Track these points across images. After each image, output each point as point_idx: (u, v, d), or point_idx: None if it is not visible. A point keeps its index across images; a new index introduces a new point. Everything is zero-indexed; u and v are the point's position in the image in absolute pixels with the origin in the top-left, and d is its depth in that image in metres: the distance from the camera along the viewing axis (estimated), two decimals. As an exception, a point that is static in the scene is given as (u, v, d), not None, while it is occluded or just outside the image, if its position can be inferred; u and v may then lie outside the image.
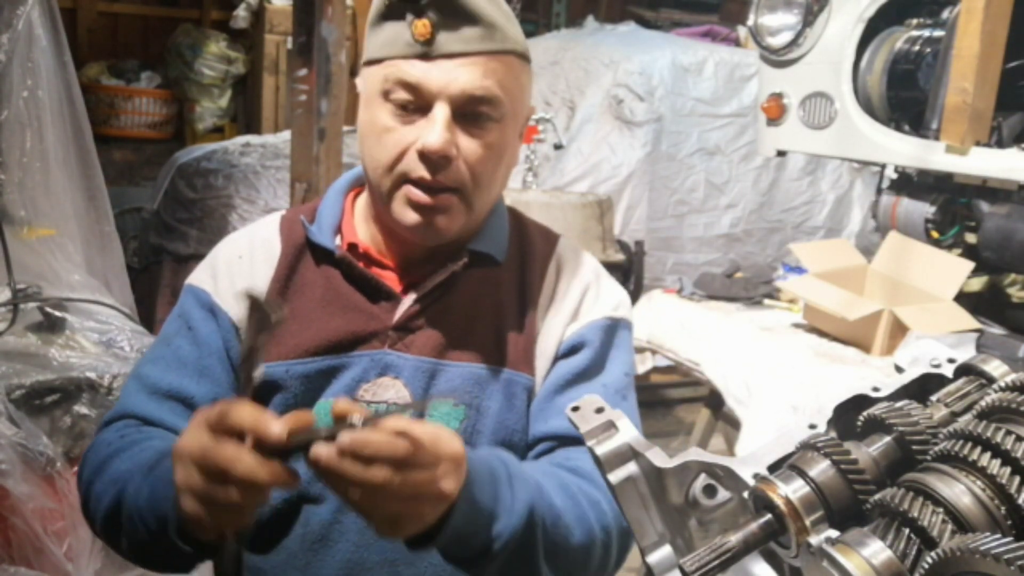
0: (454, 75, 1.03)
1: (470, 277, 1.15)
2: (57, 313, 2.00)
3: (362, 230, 1.19)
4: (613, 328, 1.19)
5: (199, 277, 1.18)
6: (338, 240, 1.16)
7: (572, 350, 1.16)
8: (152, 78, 5.30)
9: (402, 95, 1.04)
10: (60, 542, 1.69)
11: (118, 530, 0.99)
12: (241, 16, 5.13)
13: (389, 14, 1.06)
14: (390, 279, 1.15)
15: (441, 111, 1.03)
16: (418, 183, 1.05)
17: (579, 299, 1.19)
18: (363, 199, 1.20)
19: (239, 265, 1.16)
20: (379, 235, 1.17)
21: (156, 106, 5.25)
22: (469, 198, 1.08)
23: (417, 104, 1.04)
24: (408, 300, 1.13)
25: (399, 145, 1.05)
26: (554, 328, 1.17)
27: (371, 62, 1.09)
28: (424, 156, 1.03)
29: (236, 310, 1.13)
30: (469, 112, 1.05)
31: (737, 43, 5.13)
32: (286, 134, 3.77)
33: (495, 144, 1.07)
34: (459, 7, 1.02)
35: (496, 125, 1.07)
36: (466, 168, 1.06)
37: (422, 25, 1.02)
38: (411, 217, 1.07)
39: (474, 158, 1.06)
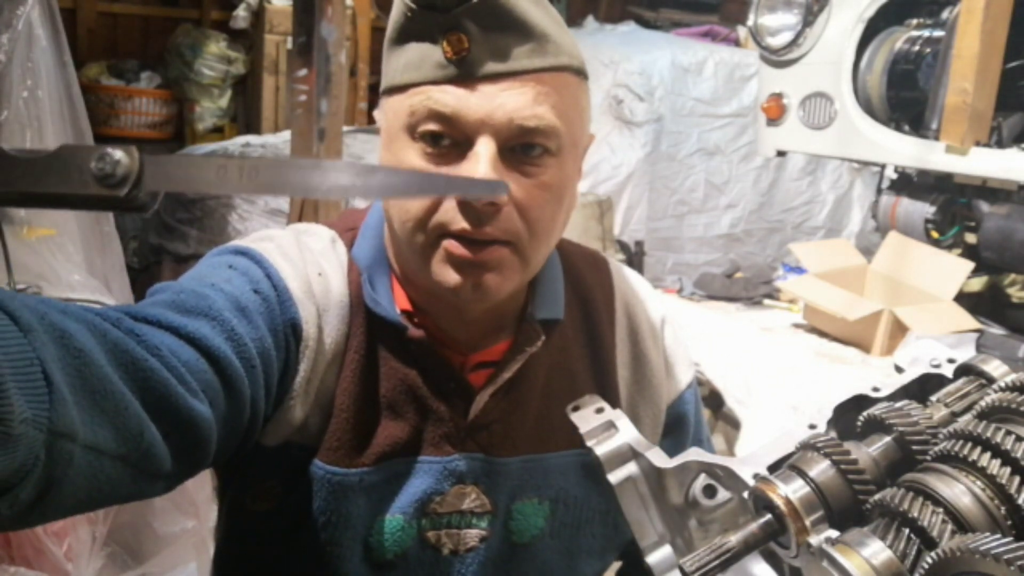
0: (499, 101, 0.81)
1: (539, 352, 0.97)
2: (57, 313, 1.99)
3: (403, 288, 0.96)
4: (695, 381, 1.11)
5: (275, 259, 0.90)
6: (396, 309, 0.93)
7: (677, 421, 1.08)
8: (152, 78, 5.30)
9: (433, 128, 0.83)
10: (60, 542, 1.69)
11: None
12: (241, 16, 5.13)
13: (412, 30, 0.84)
14: (453, 358, 0.95)
15: (485, 147, 0.81)
16: (459, 236, 0.84)
17: (664, 354, 1.07)
18: (390, 244, 0.97)
19: (320, 284, 0.92)
20: (419, 294, 0.95)
21: (156, 106, 5.25)
22: (524, 251, 0.87)
23: (453, 139, 0.83)
24: (483, 396, 0.94)
25: None
26: (651, 392, 1.05)
27: (392, 90, 0.86)
28: (466, 205, 0.82)
29: (310, 322, 0.89)
30: (519, 146, 0.84)
31: (737, 43, 5.13)
32: (286, 134, 3.77)
33: (553, 184, 0.86)
34: (502, 15, 0.81)
35: (553, 160, 0.85)
36: (518, 215, 0.84)
37: (456, 40, 0.81)
38: (453, 278, 0.85)
39: (528, 202, 0.84)
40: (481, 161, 0.81)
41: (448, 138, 0.83)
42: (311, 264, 0.92)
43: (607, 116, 4.23)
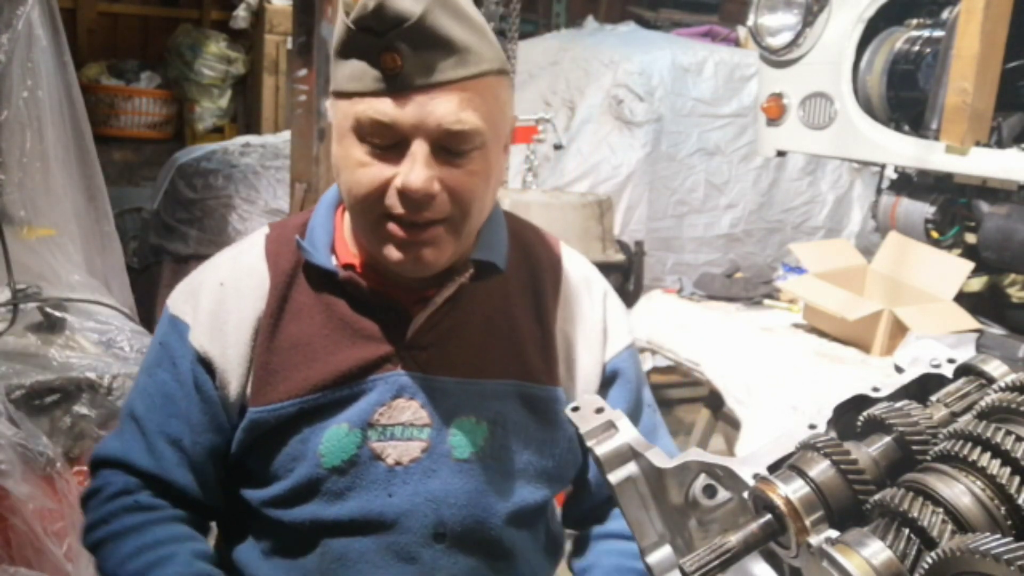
0: (428, 109, 0.96)
1: (478, 288, 1.11)
2: (57, 313, 2.00)
3: (354, 246, 1.13)
4: (633, 345, 1.22)
5: (181, 309, 1.12)
6: (334, 260, 1.11)
7: (614, 376, 1.19)
8: (152, 78, 5.30)
9: (375, 134, 0.98)
10: (60, 542, 1.69)
11: None
12: (241, 16, 5.13)
13: (353, 46, 0.97)
14: (393, 296, 1.10)
15: (419, 148, 0.97)
16: (400, 220, 1.00)
17: (603, 316, 1.19)
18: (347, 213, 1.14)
19: (220, 294, 1.10)
20: (369, 255, 1.11)
21: (156, 106, 5.25)
22: (457, 227, 1.03)
23: (392, 140, 0.98)
24: (419, 318, 1.08)
25: (376, 181, 0.99)
26: (589, 347, 1.17)
27: (339, 94, 1.01)
28: (404, 195, 0.98)
29: (205, 343, 1.09)
30: (448, 144, 0.99)
31: (737, 43, 5.13)
32: (286, 134, 3.77)
33: (479, 171, 1.01)
34: (428, 35, 0.95)
35: (479, 152, 1.00)
36: (451, 200, 1.00)
37: (390, 59, 0.95)
38: (395, 254, 1.02)
39: (459, 189, 1.00)
40: (416, 160, 0.97)
41: (388, 140, 0.98)
42: (214, 285, 1.11)
43: (607, 116, 4.22)
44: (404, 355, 1.08)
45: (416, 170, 0.96)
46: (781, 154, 2.94)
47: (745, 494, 0.57)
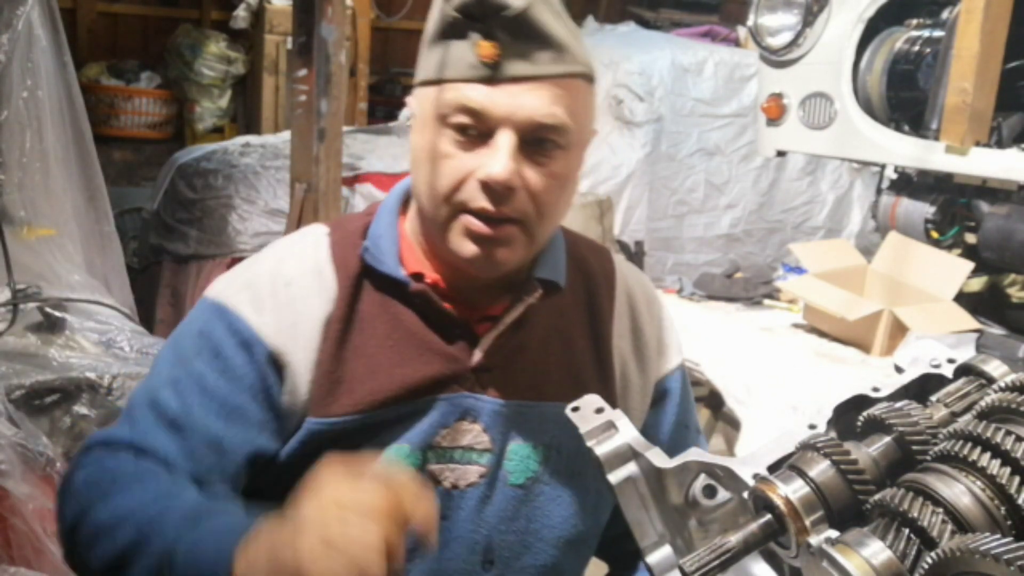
0: (520, 101, 0.95)
1: (538, 308, 1.08)
2: (57, 313, 2.00)
3: (421, 255, 1.09)
4: (684, 365, 1.21)
5: (235, 300, 1.03)
6: (402, 270, 1.06)
7: (663, 396, 1.17)
8: (152, 78, 5.30)
9: (463, 120, 0.96)
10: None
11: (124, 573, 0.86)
12: (241, 16, 5.13)
13: (450, 32, 0.96)
14: (460, 313, 1.06)
15: (506, 139, 0.95)
16: (478, 213, 0.97)
17: (658, 332, 1.17)
18: (411, 221, 1.10)
19: (287, 293, 1.03)
20: (434, 261, 1.08)
21: (156, 106, 5.26)
22: (532, 229, 1.01)
23: (479, 130, 0.96)
24: (487, 340, 1.05)
25: (458, 172, 0.97)
26: (643, 364, 1.15)
27: (427, 83, 1.00)
28: (486, 186, 0.96)
29: (279, 342, 1.01)
30: (534, 140, 0.97)
31: (737, 43, 5.12)
32: (286, 134, 3.77)
33: (560, 173, 1.00)
34: (531, 28, 0.94)
35: (562, 153, 0.99)
36: (529, 199, 0.98)
37: (489, 47, 0.94)
38: (469, 248, 0.99)
39: (539, 188, 0.98)
40: (502, 150, 0.95)
41: (474, 129, 0.96)
42: (279, 281, 1.04)
43: (607, 116, 4.22)
44: (470, 376, 1.05)
45: (500, 160, 0.94)
46: (781, 154, 2.95)
47: (745, 494, 0.57)
